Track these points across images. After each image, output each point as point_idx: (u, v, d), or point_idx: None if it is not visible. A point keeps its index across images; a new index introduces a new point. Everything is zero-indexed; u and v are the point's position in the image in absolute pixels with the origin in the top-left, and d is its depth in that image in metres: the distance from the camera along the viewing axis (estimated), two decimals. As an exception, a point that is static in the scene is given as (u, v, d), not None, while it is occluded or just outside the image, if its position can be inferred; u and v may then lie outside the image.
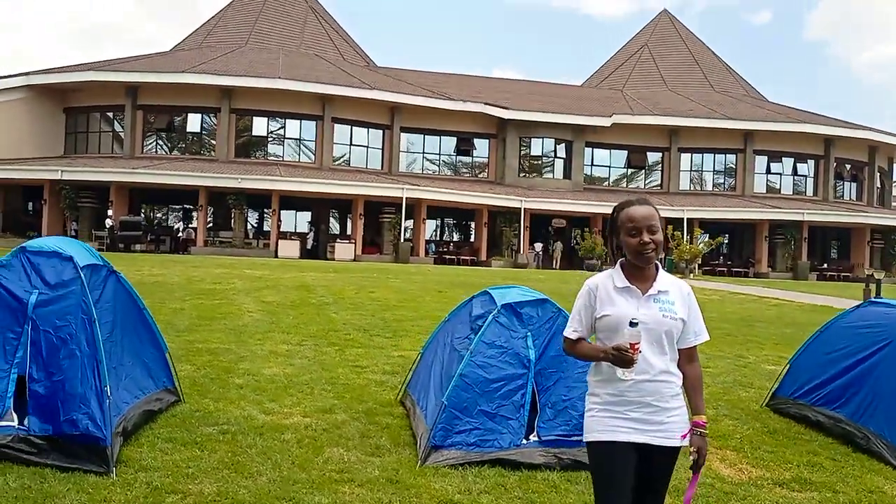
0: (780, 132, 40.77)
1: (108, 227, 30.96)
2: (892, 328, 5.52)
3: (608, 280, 2.77)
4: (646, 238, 2.67)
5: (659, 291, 2.72)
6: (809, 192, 42.55)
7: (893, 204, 47.38)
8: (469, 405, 4.70)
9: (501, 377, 4.78)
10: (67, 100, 37.09)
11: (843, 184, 43.98)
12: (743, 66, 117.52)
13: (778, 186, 42.52)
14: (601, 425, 2.68)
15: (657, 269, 2.78)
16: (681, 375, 2.75)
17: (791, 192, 42.33)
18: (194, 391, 6.03)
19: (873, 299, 6.26)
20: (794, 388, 6.38)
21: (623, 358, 2.55)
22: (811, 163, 42.48)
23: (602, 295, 2.73)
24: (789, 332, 12.71)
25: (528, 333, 4.94)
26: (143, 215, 34.89)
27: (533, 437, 4.70)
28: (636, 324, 2.58)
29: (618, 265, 2.82)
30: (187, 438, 4.82)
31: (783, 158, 42.24)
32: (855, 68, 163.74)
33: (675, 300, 2.73)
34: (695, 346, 2.81)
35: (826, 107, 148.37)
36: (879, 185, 45.43)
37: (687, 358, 2.79)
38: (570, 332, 2.79)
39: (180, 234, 34.79)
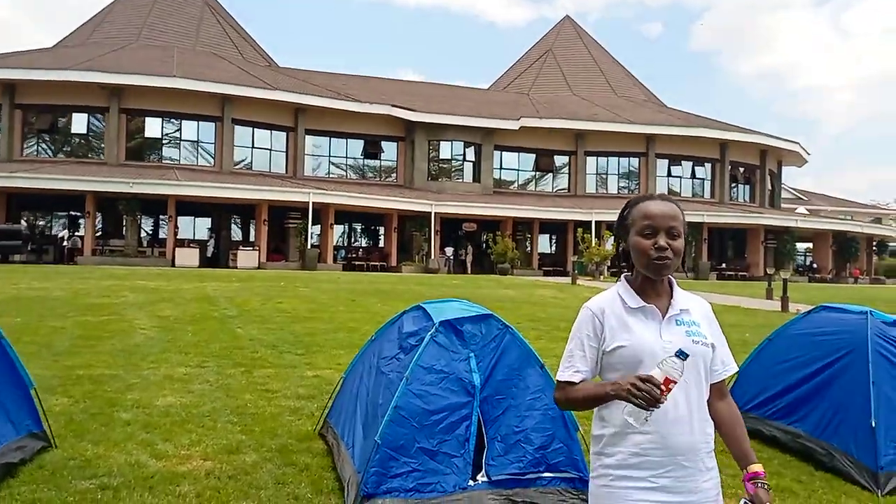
0: (679, 136, 41.94)
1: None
2: (853, 335, 5.17)
3: (615, 300, 2.13)
4: (662, 242, 2.04)
5: (681, 311, 2.10)
6: (707, 194, 43.97)
7: (783, 205, 49.64)
8: (406, 443, 3.98)
9: (442, 407, 4.08)
10: (-65, 98, 33.88)
11: (738, 186, 45.74)
12: (640, 74, 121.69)
13: (678, 189, 43.71)
14: (617, 500, 2.02)
15: (671, 283, 2.17)
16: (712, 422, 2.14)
17: (690, 195, 43.61)
18: (70, 432, 5.04)
19: (825, 305, 5.93)
20: (743, 401, 5.95)
21: (648, 394, 1.84)
22: (708, 166, 43.92)
23: (612, 321, 2.08)
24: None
25: (472, 355, 4.27)
26: (24, 223, 32.15)
27: (481, 478, 4.02)
28: (686, 355, 1.89)
29: (622, 280, 2.19)
30: (56, 499, 3.88)
31: (682, 162, 43.48)
32: (740, 77, 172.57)
33: (700, 321, 2.12)
34: (723, 381, 2.20)
35: (716, 114, 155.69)
36: (770, 188, 47.49)
37: (719, 394, 2.18)
38: (570, 373, 2.10)
39: (65, 242, 32.29)
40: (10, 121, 33.15)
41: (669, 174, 43.44)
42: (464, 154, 39.72)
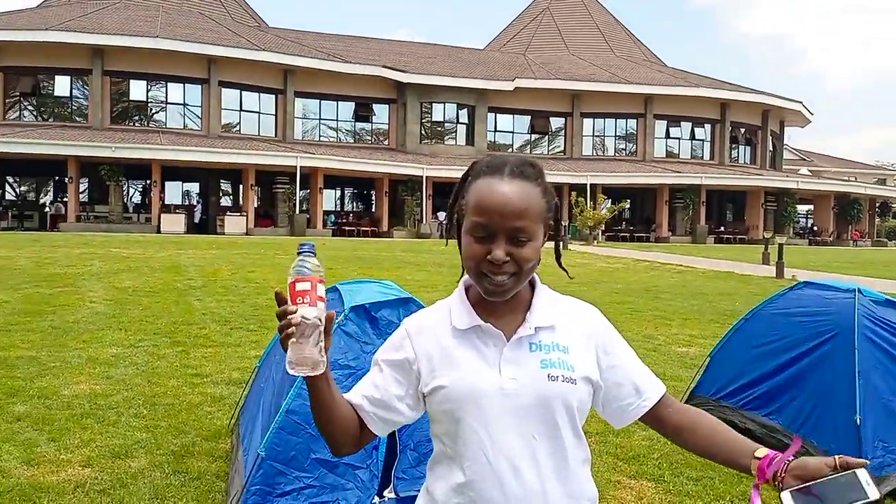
0: (678, 96, 40.89)
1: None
2: (838, 316, 4.52)
3: (442, 316, 1.46)
4: (499, 252, 1.34)
5: (537, 329, 1.42)
6: (707, 156, 43.06)
7: (784, 167, 48.70)
8: (299, 453, 3.37)
9: (346, 410, 3.46)
10: (-88, 60, 32.93)
11: (739, 147, 44.78)
12: (640, 33, 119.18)
13: (677, 151, 42.83)
14: None
15: (533, 287, 1.49)
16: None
17: (689, 157, 42.72)
18: (-56, 431, 4.45)
19: (808, 281, 5.28)
20: (716, 388, 5.36)
21: (280, 320, 1.25)
22: (708, 127, 42.94)
23: (431, 348, 1.42)
24: (696, 305, 12.00)
25: (385, 347, 3.63)
26: (3, 189, 31.46)
27: (388, 494, 3.42)
28: (305, 245, 1.31)
29: (461, 285, 1.50)
30: None
31: (682, 123, 42.51)
32: (743, 35, 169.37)
33: (572, 343, 1.43)
34: (666, 397, 1.50)
35: (718, 74, 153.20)
36: (772, 149, 46.52)
37: (661, 412, 1.48)
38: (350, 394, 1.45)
39: (47, 209, 31.62)
40: (-10, 84, 32.23)
41: (668, 135, 42.53)
42: (457, 116, 38.80)
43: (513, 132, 41.05)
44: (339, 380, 3.55)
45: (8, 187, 34.85)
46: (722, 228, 40.63)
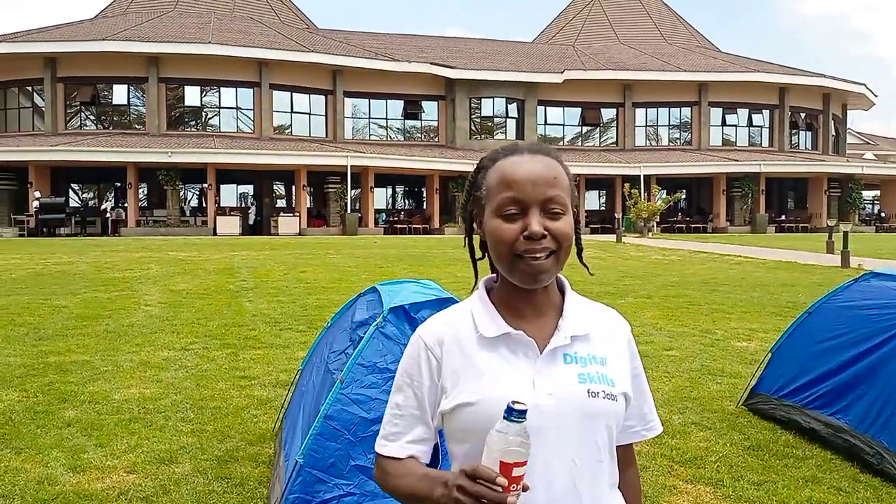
0: (734, 83, 39.80)
1: (34, 209, 28.75)
2: (909, 310, 4.23)
3: (463, 322, 1.32)
4: (536, 226, 1.22)
5: (574, 338, 1.28)
6: (765, 143, 41.82)
7: (848, 152, 46.95)
8: (338, 460, 3.28)
9: (386, 415, 3.36)
10: (-20, 75, 34.30)
11: (799, 133, 43.35)
12: (693, 19, 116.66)
13: (734, 139, 41.71)
14: None
15: (561, 287, 1.35)
16: None
17: (747, 144, 41.56)
18: (-2, 436, 4.52)
19: (875, 271, 4.97)
20: (777, 385, 5.10)
21: (480, 500, 1.07)
22: (766, 113, 41.68)
23: (454, 359, 1.28)
24: (756, 297, 11.58)
25: (424, 349, 3.51)
26: (67, 197, 32.52)
27: (430, 502, 3.30)
28: (520, 413, 1.09)
29: (480, 287, 1.37)
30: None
31: (738, 110, 41.37)
32: (801, 17, 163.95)
33: (608, 353, 1.30)
34: (632, 444, 1.40)
35: (775, 58, 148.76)
36: (834, 133, 44.90)
37: (624, 461, 1.37)
38: (395, 447, 1.31)
39: (109, 214, 32.57)
40: (52, 95, 33.35)
41: (724, 123, 41.43)
42: (506, 110, 38.54)
43: (563, 125, 40.57)
44: (378, 383, 3.47)
45: (72, 193, 36.02)
46: (783, 217, 39.38)
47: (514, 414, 1.09)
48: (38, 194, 29.01)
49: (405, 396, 1.32)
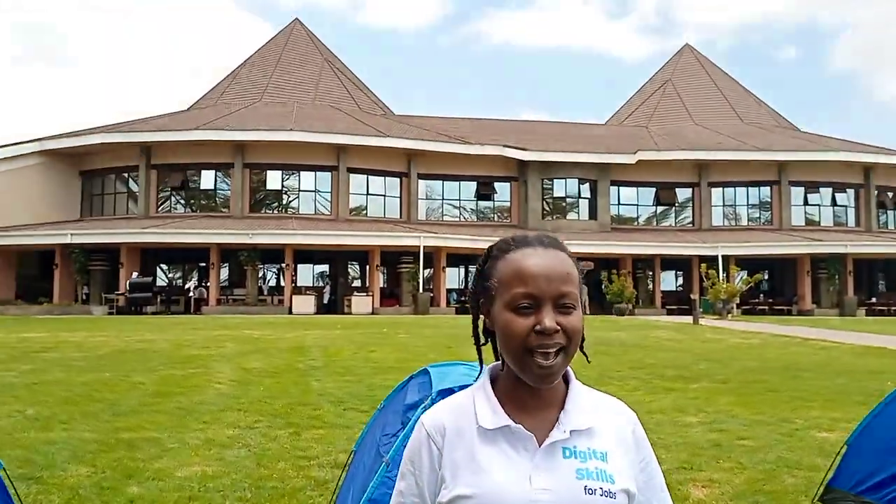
0: (816, 161, 38.93)
1: (125, 289, 30.21)
2: None
3: (466, 412, 1.33)
4: (549, 322, 1.23)
5: (574, 433, 1.28)
6: (851, 222, 40.40)
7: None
8: (382, 547, 3.25)
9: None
10: (82, 163, 36.86)
11: (887, 212, 41.73)
12: (771, 99, 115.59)
13: (817, 218, 40.46)
14: None
15: (567, 379, 1.36)
16: None
17: (832, 224, 40.20)
18: (63, 511, 4.66)
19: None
20: (855, 480, 4.78)
21: None
22: (851, 192, 40.43)
23: (455, 450, 1.30)
24: (841, 384, 10.98)
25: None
26: (154, 276, 34.07)
27: None
28: None
29: (485, 375, 1.39)
30: None
31: (821, 189, 40.27)
32: (885, 96, 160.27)
33: (610, 447, 1.29)
34: None
35: (858, 137, 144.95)
36: (925, 213, 43.01)
37: None
38: None
39: (191, 293, 33.87)
40: (146, 180, 35.45)
41: (806, 202, 40.33)
42: (578, 191, 38.66)
43: (637, 205, 40.33)
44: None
45: (159, 273, 37.71)
46: (874, 300, 37.56)
47: None
48: (135, 275, 30.49)
49: (407, 484, 1.34)
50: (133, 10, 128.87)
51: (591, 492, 1.22)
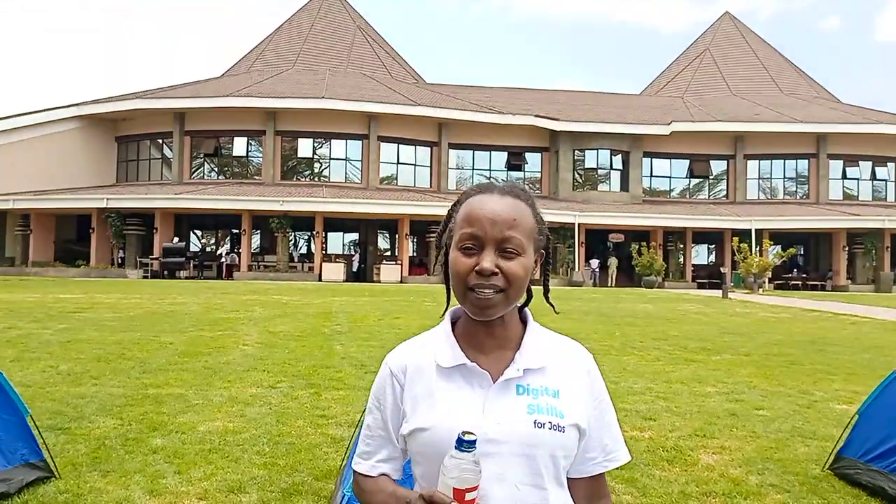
0: (856, 134, 37.99)
1: (159, 253, 30.83)
2: None
3: (427, 351, 1.41)
4: (487, 263, 1.30)
5: (525, 371, 1.35)
6: (891, 197, 39.48)
7: None
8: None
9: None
10: (118, 129, 37.42)
11: (929, 187, 40.68)
12: (813, 70, 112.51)
13: (855, 192, 39.62)
14: None
15: (525, 322, 1.43)
16: None
17: (870, 198, 39.35)
18: (89, 459, 4.87)
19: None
20: (864, 449, 4.80)
21: None
22: (891, 166, 39.45)
23: (416, 386, 1.38)
24: (867, 358, 10.88)
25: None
26: (187, 241, 34.66)
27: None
28: (469, 443, 1.20)
29: (446, 318, 1.47)
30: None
31: (860, 162, 39.36)
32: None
33: (561, 386, 1.36)
34: (603, 476, 1.43)
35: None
36: (970, 188, 41.82)
37: (586, 497, 1.41)
38: (367, 465, 1.43)
39: (223, 259, 34.41)
40: (180, 146, 35.91)
41: (845, 176, 39.48)
42: (610, 162, 38.26)
43: (670, 177, 39.84)
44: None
45: (193, 238, 38.34)
46: (911, 276, 36.78)
47: (464, 444, 1.20)
48: (176, 240, 31.09)
49: (374, 418, 1.42)
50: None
51: (540, 425, 1.30)
